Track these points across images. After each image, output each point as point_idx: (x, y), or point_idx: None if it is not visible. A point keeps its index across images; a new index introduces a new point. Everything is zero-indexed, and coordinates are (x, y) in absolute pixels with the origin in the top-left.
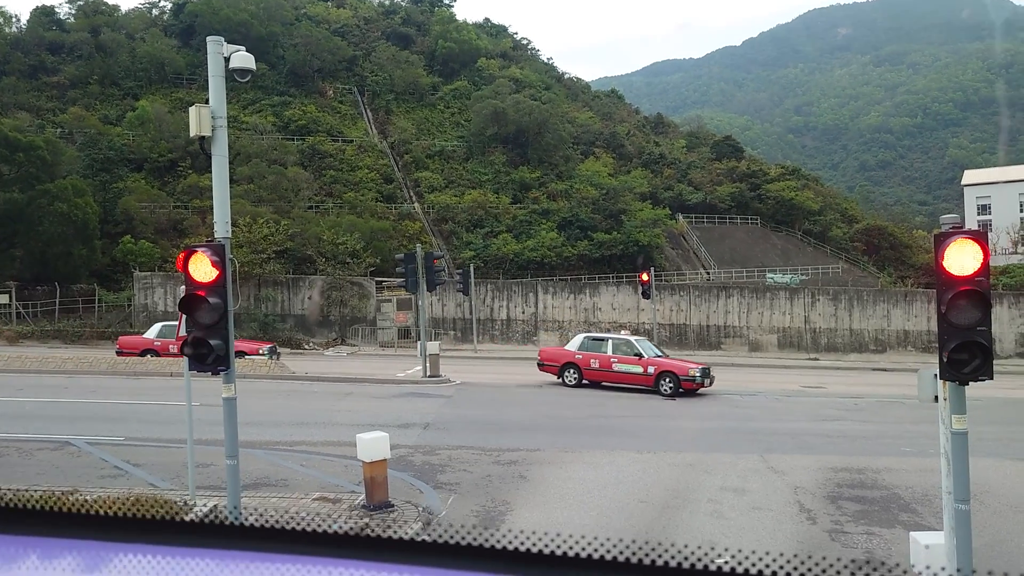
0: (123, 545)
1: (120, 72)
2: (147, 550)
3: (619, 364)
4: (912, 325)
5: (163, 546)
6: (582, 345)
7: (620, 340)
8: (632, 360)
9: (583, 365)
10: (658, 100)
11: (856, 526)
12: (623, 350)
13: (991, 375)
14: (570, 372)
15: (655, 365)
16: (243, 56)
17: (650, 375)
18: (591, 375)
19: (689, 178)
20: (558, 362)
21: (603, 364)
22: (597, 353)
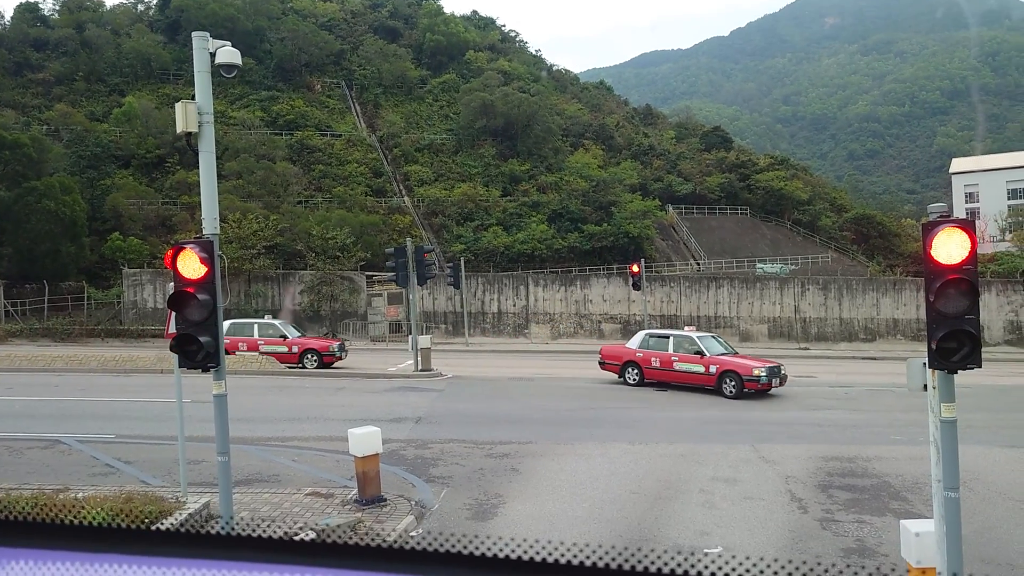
0: (112, 556)
1: (106, 68)
2: (136, 560)
3: (680, 363)
4: (901, 314)
5: (153, 556)
6: (643, 343)
7: (682, 337)
8: (694, 359)
9: (644, 364)
10: (647, 91)
11: (847, 514)
12: (685, 348)
13: (979, 363)
14: (631, 371)
15: (717, 364)
16: (229, 51)
17: (712, 375)
18: (652, 374)
19: (678, 169)
20: (619, 360)
21: (664, 363)
22: (658, 352)
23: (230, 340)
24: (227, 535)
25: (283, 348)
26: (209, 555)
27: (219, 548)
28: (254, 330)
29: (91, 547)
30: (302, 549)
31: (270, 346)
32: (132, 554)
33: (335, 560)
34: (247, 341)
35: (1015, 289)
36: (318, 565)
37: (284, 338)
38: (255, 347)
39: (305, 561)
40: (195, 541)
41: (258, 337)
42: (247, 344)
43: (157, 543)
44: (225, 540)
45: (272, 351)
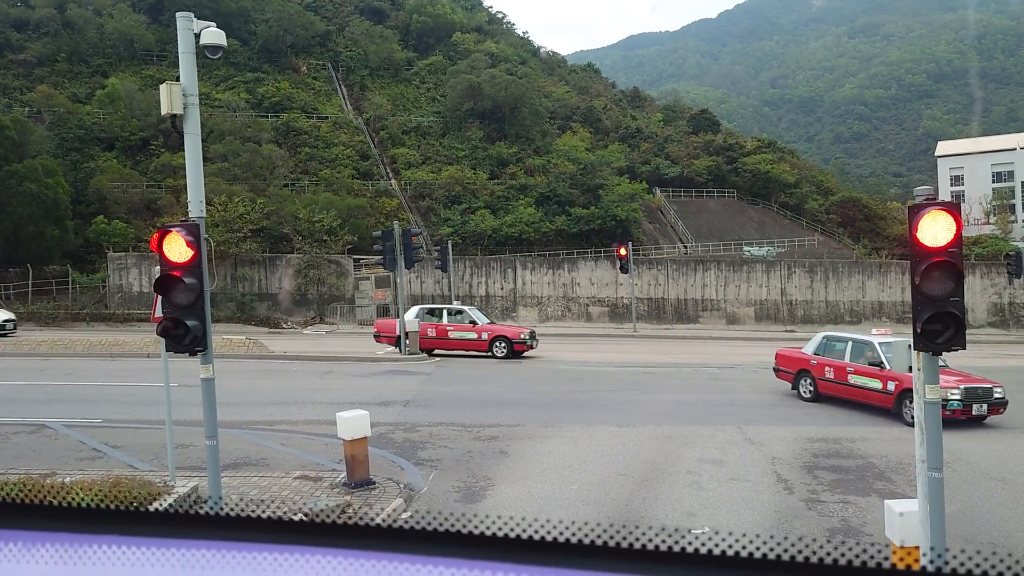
0: (101, 536)
1: (88, 49)
2: (125, 541)
3: (856, 376)
4: (887, 296)
5: (141, 537)
6: (820, 347)
7: (861, 343)
8: (871, 372)
9: (817, 375)
10: (634, 74)
11: (832, 495)
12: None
13: (964, 345)
14: (805, 382)
15: (896, 381)
16: (214, 32)
17: (890, 393)
18: (826, 388)
19: (666, 152)
20: (793, 369)
21: (838, 375)
22: (833, 360)
23: (421, 327)
24: (216, 515)
25: (472, 335)
26: (197, 535)
27: (208, 528)
28: (443, 316)
29: (79, 528)
30: (291, 528)
31: (459, 332)
32: (120, 535)
33: (324, 539)
34: (436, 327)
35: (999, 272)
36: (307, 544)
37: (473, 324)
38: (444, 333)
39: (294, 540)
40: (183, 521)
41: (447, 323)
42: (436, 330)
43: (145, 523)
44: (214, 520)
45: (460, 337)
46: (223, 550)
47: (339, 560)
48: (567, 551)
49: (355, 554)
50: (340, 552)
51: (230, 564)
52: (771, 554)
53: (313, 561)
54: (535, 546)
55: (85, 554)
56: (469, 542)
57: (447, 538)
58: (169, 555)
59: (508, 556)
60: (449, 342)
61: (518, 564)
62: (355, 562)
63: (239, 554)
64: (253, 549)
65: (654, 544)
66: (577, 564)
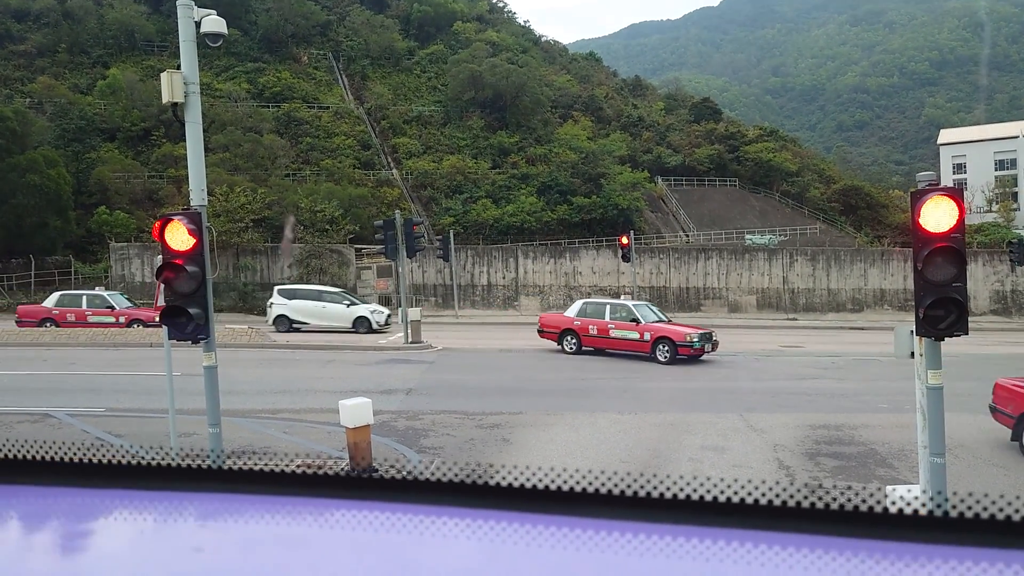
0: (108, 491)
1: (89, 40)
2: (133, 495)
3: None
4: (889, 284)
5: (147, 491)
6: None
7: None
8: (629, 326)
9: (582, 332)
10: (636, 62)
11: (834, 481)
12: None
13: (966, 331)
14: (570, 339)
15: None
16: (214, 20)
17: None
18: (590, 342)
19: (668, 141)
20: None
21: (601, 331)
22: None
23: (580, 322)
24: (220, 468)
25: (634, 335)
26: (203, 488)
27: (213, 481)
28: (605, 311)
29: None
30: (296, 481)
31: (620, 331)
32: (128, 488)
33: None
34: (598, 324)
35: (1001, 259)
36: (311, 495)
37: (635, 322)
38: (605, 331)
39: (299, 492)
40: (188, 475)
41: (609, 319)
42: (597, 328)
43: (149, 477)
44: (220, 474)
45: (622, 337)
46: (229, 502)
47: (351, 512)
48: (586, 501)
49: (367, 505)
50: (352, 503)
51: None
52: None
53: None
54: (553, 496)
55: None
56: (485, 493)
57: (463, 489)
58: (176, 507)
59: (525, 506)
60: (610, 341)
61: (536, 514)
62: (367, 514)
63: (244, 505)
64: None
65: (672, 492)
66: (596, 513)
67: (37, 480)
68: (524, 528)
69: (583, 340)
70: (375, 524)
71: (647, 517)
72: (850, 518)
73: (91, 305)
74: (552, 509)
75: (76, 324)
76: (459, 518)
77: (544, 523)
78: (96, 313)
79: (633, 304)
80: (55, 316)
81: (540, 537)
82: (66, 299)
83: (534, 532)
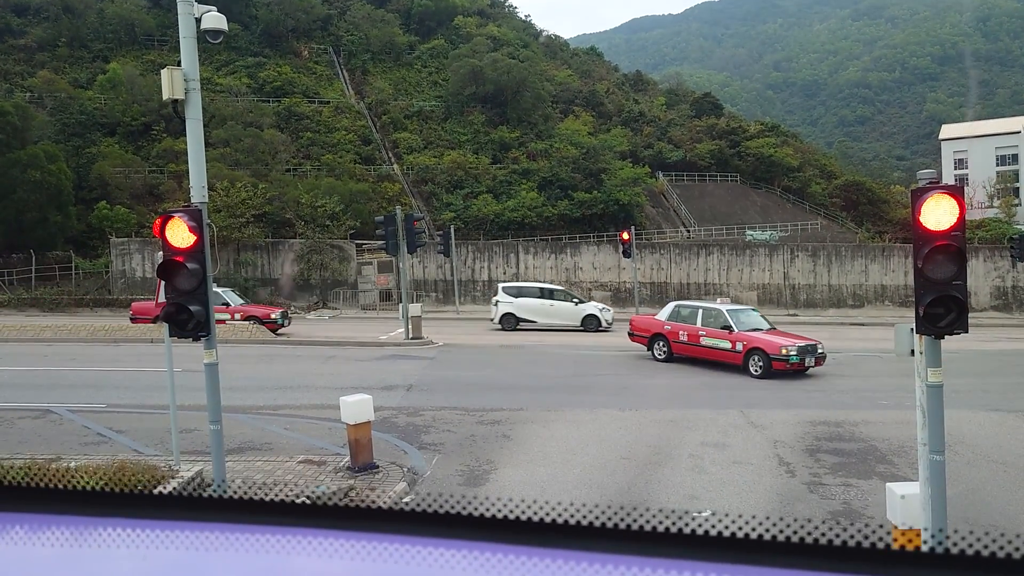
0: (106, 519)
1: (89, 34)
2: (130, 524)
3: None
4: (889, 280)
5: (146, 520)
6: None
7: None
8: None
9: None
10: (637, 57)
11: (834, 478)
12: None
13: (966, 328)
14: (659, 344)
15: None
16: (215, 16)
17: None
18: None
19: (669, 136)
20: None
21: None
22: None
23: (671, 326)
24: (220, 498)
25: (726, 344)
26: (202, 518)
27: (212, 511)
28: (697, 317)
29: (85, 511)
30: (296, 511)
31: (712, 339)
32: (126, 517)
33: (328, 522)
34: (688, 331)
35: (1002, 255)
36: (311, 527)
37: (728, 330)
38: (696, 338)
39: (299, 523)
40: (188, 504)
41: (700, 326)
42: (688, 334)
43: (149, 506)
44: (218, 503)
45: (712, 346)
46: (228, 532)
47: (342, 542)
48: (570, 533)
49: (359, 536)
50: (344, 534)
51: (234, 546)
52: (780, 536)
53: (316, 543)
54: (538, 528)
55: (90, 537)
56: (473, 524)
57: (451, 520)
58: (174, 537)
59: (511, 538)
60: (699, 349)
61: (521, 546)
62: (358, 544)
63: (244, 536)
64: (257, 532)
65: (656, 526)
66: (580, 546)
67: (29, 507)
68: (517, 560)
69: (673, 347)
70: (369, 553)
71: (634, 551)
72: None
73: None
74: (546, 541)
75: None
76: (453, 548)
77: (538, 555)
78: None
79: (729, 309)
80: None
81: (533, 569)
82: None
83: (526, 563)
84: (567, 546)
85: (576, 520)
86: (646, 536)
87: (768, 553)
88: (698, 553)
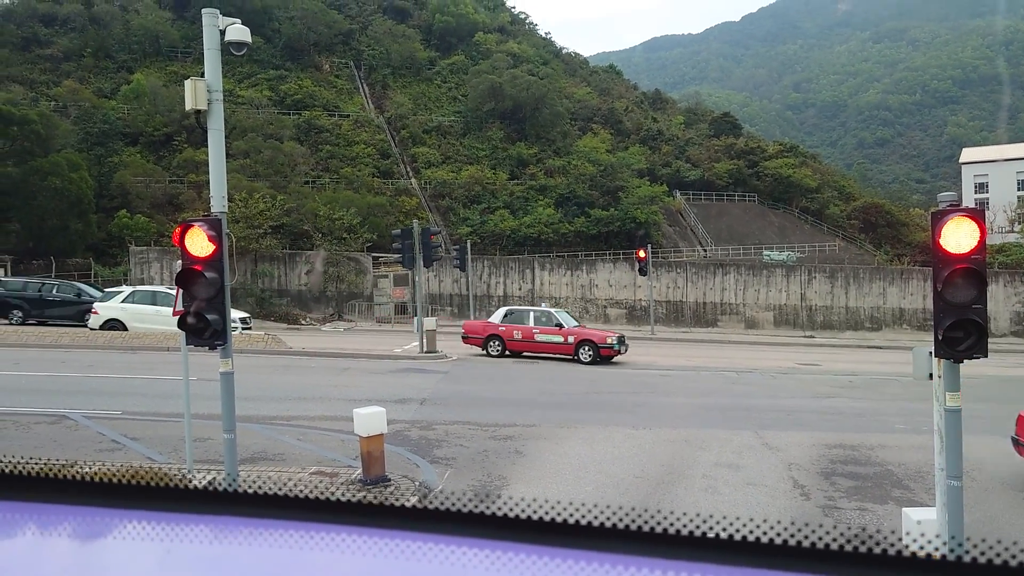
0: (122, 511)
1: (114, 45)
2: (145, 516)
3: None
4: (908, 303)
5: (161, 512)
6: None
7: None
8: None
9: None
10: (656, 76)
11: (849, 502)
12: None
13: (986, 353)
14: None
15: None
16: (239, 29)
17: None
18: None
19: (687, 155)
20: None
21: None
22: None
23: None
24: (235, 492)
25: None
26: (216, 511)
27: (226, 504)
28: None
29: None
30: (308, 506)
31: (545, 335)
32: (138, 509)
33: (345, 518)
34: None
35: (1022, 280)
36: (322, 521)
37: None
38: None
39: (315, 518)
40: (202, 498)
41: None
42: (521, 332)
43: (162, 499)
44: (232, 497)
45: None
46: (242, 526)
47: (360, 538)
48: (587, 534)
49: (377, 532)
50: (361, 530)
51: (249, 540)
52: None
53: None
54: (557, 528)
55: (106, 528)
56: (490, 523)
57: (467, 519)
58: (188, 530)
59: (529, 537)
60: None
61: (539, 545)
62: (377, 541)
63: (257, 530)
64: (273, 526)
65: (674, 528)
66: (598, 547)
67: (47, 497)
68: (531, 559)
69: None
70: (384, 551)
71: (654, 552)
72: (864, 560)
73: (538, 323)
74: (561, 541)
75: (522, 343)
76: (468, 547)
77: (552, 555)
78: (543, 331)
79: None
80: (501, 333)
81: (547, 569)
82: (513, 315)
83: (540, 563)
84: (583, 546)
85: (595, 521)
86: (664, 538)
87: (784, 557)
88: (715, 556)
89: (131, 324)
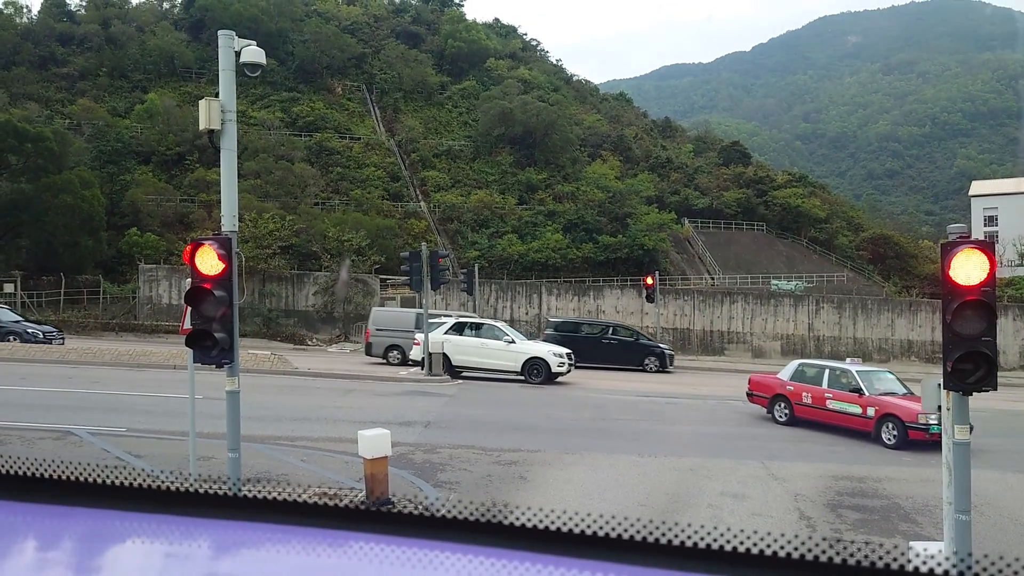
0: (127, 513)
1: (129, 65)
2: (151, 518)
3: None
4: (916, 335)
5: (167, 515)
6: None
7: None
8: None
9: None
10: (666, 104)
11: (855, 534)
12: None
13: (995, 386)
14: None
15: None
16: (254, 51)
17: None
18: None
19: (696, 183)
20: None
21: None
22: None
23: (794, 387)
24: (235, 496)
25: (853, 409)
26: (220, 515)
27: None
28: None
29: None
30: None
31: (838, 403)
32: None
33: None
34: (812, 392)
35: None
36: (328, 527)
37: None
38: (821, 401)
39: (315, 523)
40: (207, 501)
41: (826, 387)
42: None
43: (167, 501)
44: (237, 501)
45: (839, 410)
46: (246, 530)
47: (368, 545)
48: (600, 544)
49: (385, 539)
50: (369, 537)
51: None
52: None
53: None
54: (568, 538)
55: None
56: (502, 532)
57: (476, 527)
58: (193, 532)
59: (539, 547)
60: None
61: (550, 555)
62: (384, 547)
63: (262, 534)
64: (276, 530)
65: (693, 541)
66: (609, 557)
67: (54, 499)
68: (538, 569)
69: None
70: (391, 558)
71: (664, 564)
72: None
73: (833, 385)
74: (568, 551)
75: (811, 408)
76: (474, 555)
77: (559, 564)
78: (837, 397)
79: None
80: (789, 393)
81: None
82: (804, 372)
83: (548, 573)
84: (594, 556)
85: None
86: (676, 550)
87: (795, 570)
88: (727, 568)
89: (456, 358)
